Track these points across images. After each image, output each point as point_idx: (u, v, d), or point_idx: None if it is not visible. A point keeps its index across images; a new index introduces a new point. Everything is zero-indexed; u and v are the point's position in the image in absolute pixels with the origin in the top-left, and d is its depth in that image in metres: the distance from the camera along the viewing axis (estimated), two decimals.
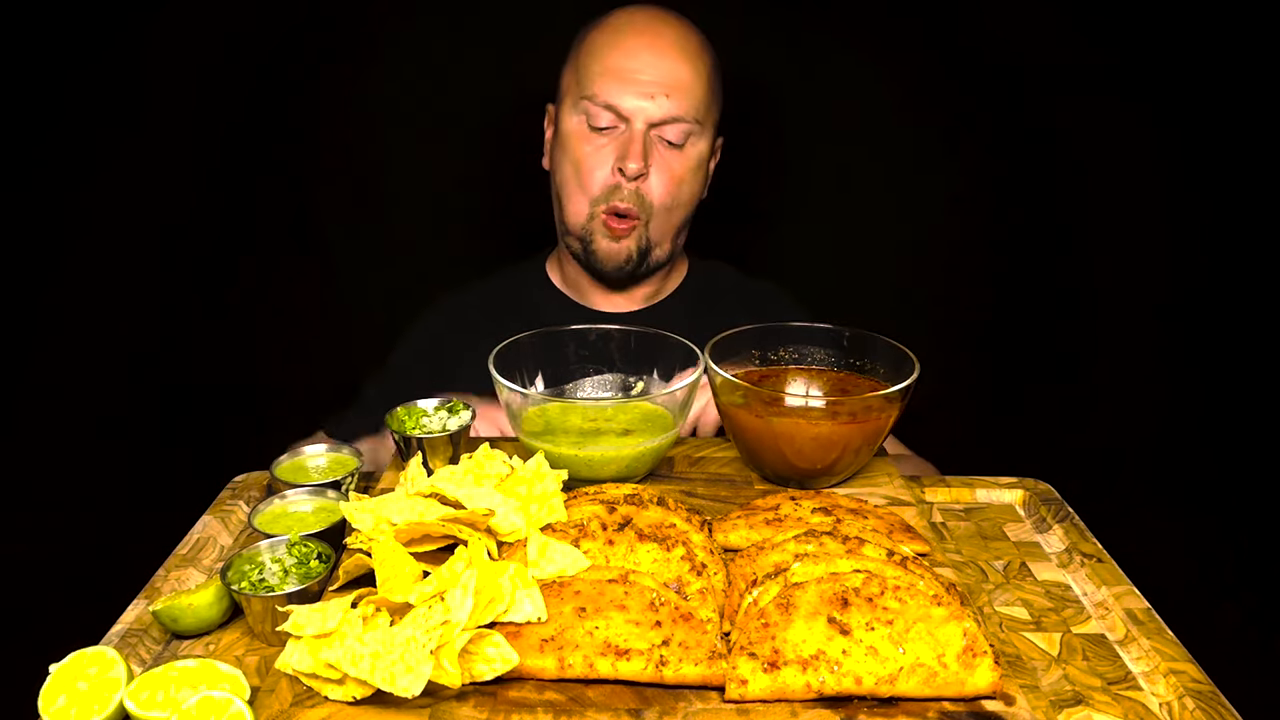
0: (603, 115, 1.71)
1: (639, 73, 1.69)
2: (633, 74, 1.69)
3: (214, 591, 1.06)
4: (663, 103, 1.69)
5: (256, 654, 1.04)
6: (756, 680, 0.89)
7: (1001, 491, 1.41)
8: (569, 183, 1.77)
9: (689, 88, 1.71)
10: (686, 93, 1.71)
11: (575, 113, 1.74)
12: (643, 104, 1.69)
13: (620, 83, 1.69)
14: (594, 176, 1.73)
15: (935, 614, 0.93)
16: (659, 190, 1.73)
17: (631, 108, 1.69)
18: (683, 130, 1.72)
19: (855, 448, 1.24)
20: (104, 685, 0.94)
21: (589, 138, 1.73)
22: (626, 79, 1.69)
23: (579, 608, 0.95)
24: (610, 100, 1.69)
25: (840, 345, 1.40)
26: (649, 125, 1.70)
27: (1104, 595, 1.17)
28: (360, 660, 0.88)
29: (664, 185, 1.73)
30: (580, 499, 1.13)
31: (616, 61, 1.70)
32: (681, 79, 1.70)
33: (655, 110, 1.69)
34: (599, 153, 1.73)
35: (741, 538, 1.13)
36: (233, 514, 1.32)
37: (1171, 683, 1.02)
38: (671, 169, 1.73)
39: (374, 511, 1.05)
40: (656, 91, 1.68)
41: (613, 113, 1.70)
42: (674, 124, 1.71)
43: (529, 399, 1.28)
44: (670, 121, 1.70)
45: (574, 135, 1.75)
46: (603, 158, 1.73)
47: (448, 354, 1.82)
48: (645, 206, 1.73)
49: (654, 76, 1.69)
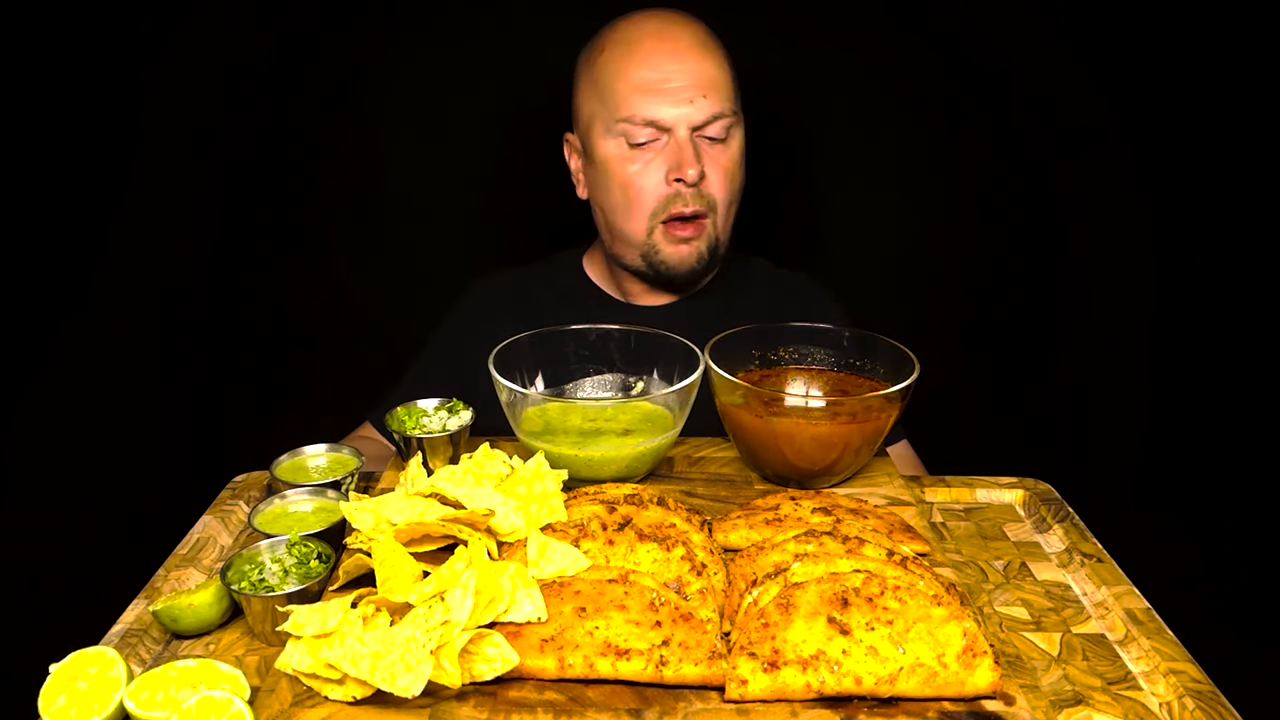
0: (642, 132, 1.66)
1: (668, 80, 1.65)
2: (662, 83, 1.65)
3: (214, 591, 1.06)
4: (702, 104, 1.65)
5: (256, 654, 1.04)
6: (756, 680, 0.89)
7: (1001, 491, 1.41)
8: (619, 207, 1.72)
9: (719, 82, 1.67)
10: (719, 87, 1.67)
11: (610, 137, 1.69)
12: (683, 110, 1.64)
13: (654, 95, 1.64)
14: (646, 193, 1.69)
15: (935, 614, 0.93)
16: (718, 188, 1.70)
17: (673, 117, 1.65)
18: (724, 125, 1.68)
19: (855, 448, 1.24)
20: (104, 685, 0.94)
21: (631, 157, 1.69)
22: (659, 90, 1.65)
23: (579, 608, 0.95)
24: (650, 116, 1.65)
25: (840, 345, 1.41)
26: (692, 129, 1.66)
27: (1104, 595, 1.17)
28: (360, 660, 0.87)
29: (721, 182, 1.70)
30: (580, 499, 1.13)
31: (642, 75, 1.66)
32: (711, 75, 1.67)
33: (697, 114, 1.65)
34: (647, 169, 1.68)
35: (741, 538, 1.13)
36: (233, 514, 1.32)
37: (1171, 683, 1.01)
38: (722, 165, 1.70)
39: (374, 511, 1.05)
40: (694, 94, 1.64)
41: (653, 127, 1.66)
42: (715, 121, 1.67)
43: (529, 399, 1.28)
44: (712, 120, 1.67)
45: (615, 160, 1.70)
46: (651, 171, 1.68)
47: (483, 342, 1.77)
48: (710, 204, 1.69)
49: (686, 81, 1.65)
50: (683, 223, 1.69)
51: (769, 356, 1.42)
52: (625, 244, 1.74)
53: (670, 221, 1.69)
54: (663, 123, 1.65)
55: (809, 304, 1.83)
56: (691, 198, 1.67)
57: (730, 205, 1.73)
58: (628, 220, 1.71)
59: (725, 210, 1.72)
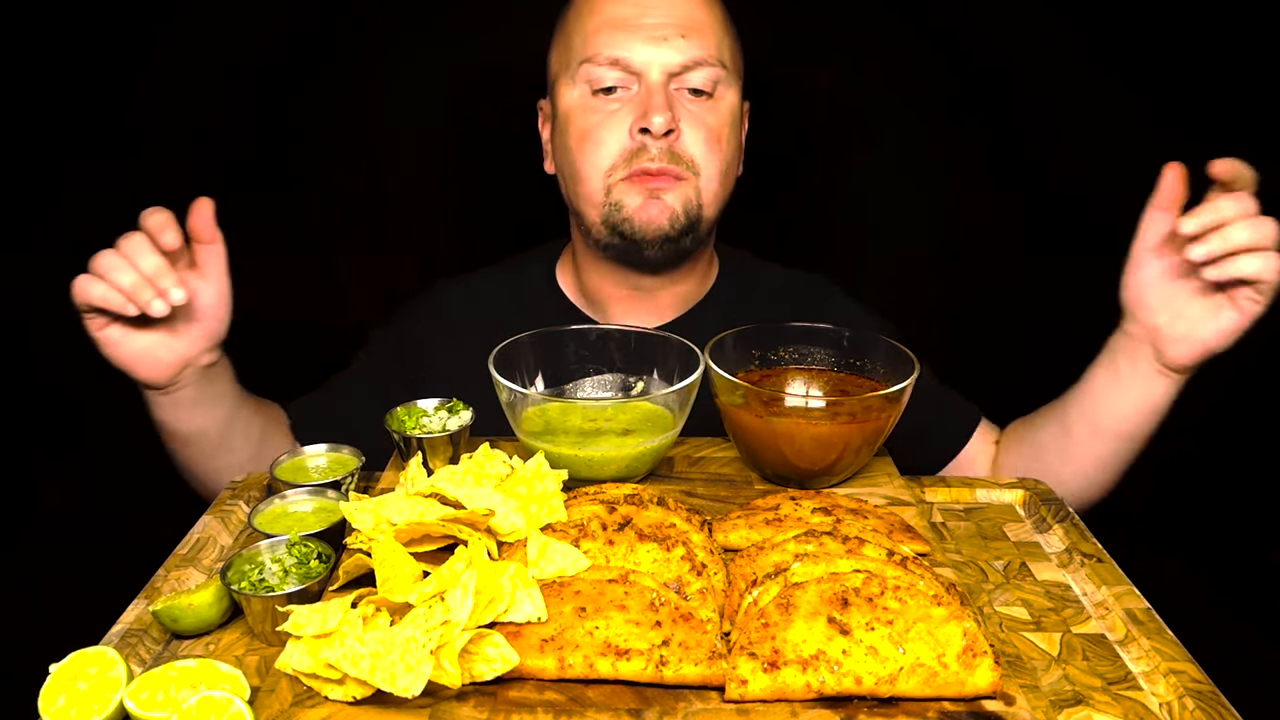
0: (608, 74, 1.43)
1: (644, 15, 1.42)
2: (635, 19, 1.42)
3: (214, 591, 1.06)
4: (679, 44, 1.41)
5: (256, 654, 1.04)
6: (756, 680, 0.89)
7: (1001, 491, 1.41)
8: (576, 163, 1.48)
9: (707, 26, 1.44)
10: (704, 31, 1.44)
11: (574, 85, 1.47)
12: (657, 50, 1.41)
13: (625, 31, 1.42)
14: (606, 146, 1.45)
15: (935, 614, 0.92)
16: (700, 148, 1.45)
17: (644, 58, 1.41)
18: (709, 76, 1.44)
19: (855, 448, 1.24)
20: (104, 685, 0.93)
21: (593, 106, 1.46)
22: (631, 26, 1.42)
23: (579, 608, 0.95)
24: (616, 53, 1.42)
25: (840, 345, 1.40)
26: (668, 75, 1.43)
27: (1104, 595, 1.16)
28: (360, 660, 0.87)
29: (704, 142, 1.45)
30: (580, 499, 1.13)
31: (612, 10, 1.44)
32: (697, 16, 1.44)
33: (673, 55, 1.41)
34: (611, 117, 1.45)
35: (741, 538, 1.13)
36: (232, 514, 1.32)
37: (1171, 683, 1.01)
38: (706, 122, 1.45)
39: (374, 511, 1.05)
40: (670, 33, 1.41)
41: (620, 69, 1.43)
42: (698, 69, 1.43)
43: (529, 399, 1.28)
44: (693, 66, 1.43)
45: (576, 109, 1.47)
46: (616, 121, 1.44)
47: (426, 348, 1.66)
48: (687, 165, 1.45)
49: (664, 17, 1.42)
50: (650, 175, 1.45)
51: (769, 356, 1.42)
52: (587, 209, 1.50)
53: (634, 175, 1.45)
54: (631, 64, 1.42)
55: (830, 307, 1.62)
56: (660, 153, 1.43)
57: (718, 176, 1.49)
58: (585, 180, 1.48)
59: (712, 177, 1.48)
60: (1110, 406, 1.44)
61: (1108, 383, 1.44)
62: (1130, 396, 1.42)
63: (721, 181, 1.50)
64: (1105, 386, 1.44)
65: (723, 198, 1.53)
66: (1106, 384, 1.44)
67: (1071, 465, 1.50)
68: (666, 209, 1.46)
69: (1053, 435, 1.52)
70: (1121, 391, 1.42)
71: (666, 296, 1.63)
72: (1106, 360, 1.45)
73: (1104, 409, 1.45)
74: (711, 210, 1.51)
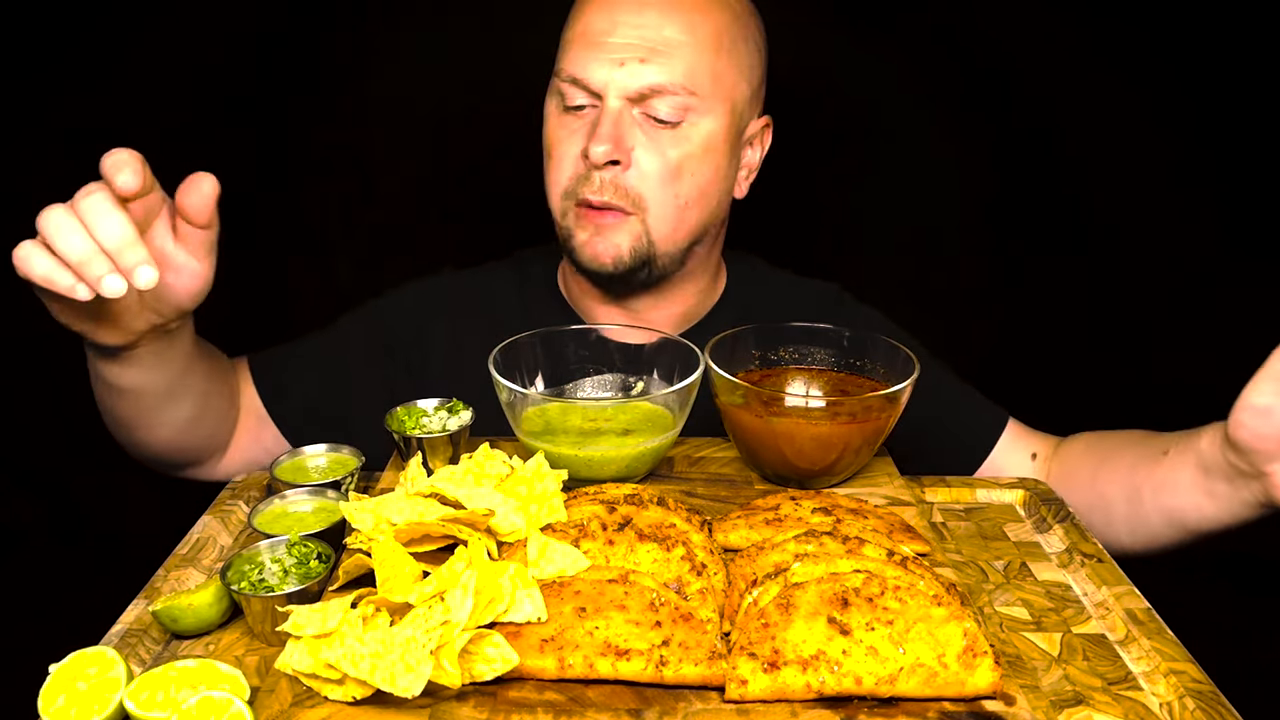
0: (572, 93, 1.39)
1: (609, 34, 1.35)
2: (602, 35, 1.36)
3: (214, 591, 1.06)
4: (636, 69, 1.34)
5: (256, 654, 1.04)
6: (756, 680, 0.89)
7: (1002, 491, 1.41)
8: (546, 176, 1.46)
9: (677, 50, 1.35)
10: (673, 56, 1.35)
11: (551, 94, 1.44)
12: (612, 73, 1.34)
13: (590, 49, 1.36)
14: (562, 165, 1.41)
15: (935, 614, 0.92)
16: (652, 182, 1.38)
17: (600, 79, 1.35)
18: (674, 105, 1.36)
19: (855, 448, 1.24)
20: (104, 685, 0.93)
21: (561, 120, 1.42)
22: (596, 44, 1.36)
23: (579, 608, 0.94)
24: (576, 73, 1.37)
25: (840, 345, 1.40)
26: (627, 100, 1.36)
27: (1104, 595, 1.16)
28: (360, 660, 0.87)
29: (658, 176, 1.38)
30: (580, 499, 1.12)
31: (589, 22, 1.38)
32: (666, 39, 1.35)
33: (628, 79, 1.34)
34: (570, 136, 1.40)
35: (741, 538, 1.12)
36: (232, 514, 1.32)
37: (1172, 683, 1.01)
38: (665, 155, 1.38)
39: (374, 511, 1.05)
40: (628, 56, 1.34)
41: (581, 89, 1.38)
42: (659, 96, 1.36)
43: (529, 399, 1.27)
44: (653, 94, 1.36)
45: (549, 120, 1.44)
46: (573, 142, 1.40)
47: (422, 336, 1.60)
48: (633, 201, 1.39)
49: (628, 38, 1.35)
50: (592, 209, 1.40)
51: (769, 356, 1.41)
52: (556, 224, 1.48)
53: (581, 205, 1.41)
54: (590, 84, 1.37)
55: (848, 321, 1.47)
56: (602, 185, 1.38)
57: (676, 210, 1.41)
58: (549, 194, 1.46)
59: (664, 215, 1.40)
60: (1197, 514, 1.32)
61: (1198, 494, 1.31)
62: (1222, 515, 1.30)
63: (680, 216, 1.42)
64: (1193, 494, 1.31)
65: (685, 232, 1.44)
66: (1196, 493, 1.31)
67: (1140, 542, 1.41)
68: (611, 247, 1.41)
69: (1126, 502, 1.40)
70: (1215, 507, 1.30)
71: (659, 318, 1.57)
72: (1200, 474, 1.30)
73: (1190, 515, 1.33)
74: (669, 245, 1.44)
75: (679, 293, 1.56)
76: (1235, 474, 1.25)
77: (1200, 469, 1.29)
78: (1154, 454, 1.37)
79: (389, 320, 1.63)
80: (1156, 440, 1.40)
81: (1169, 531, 1.37)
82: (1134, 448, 1.42)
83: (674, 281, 1.53)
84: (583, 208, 1.41)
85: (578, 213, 1.42)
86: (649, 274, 1.47)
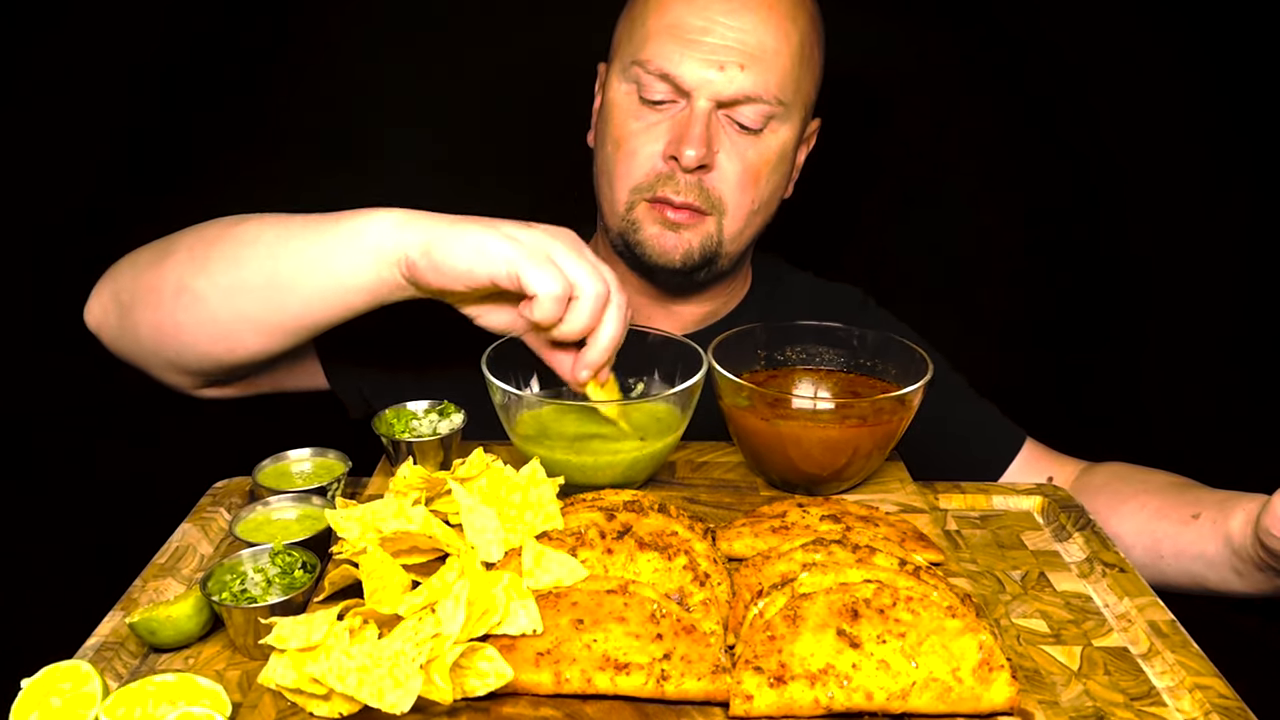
0: (656, 87, 1.38)
1: (706, 34, 1.35)
2: (699, 34, 1.36)
3: (193, 603, 1.04)
4: (735, 76, 1.35)
5: (238, 668, 1.02)
6: (762, 695, 0.87)
7: (1019, 498, 1.38)
8: (607, 167, 1.45)
9: (772, 59, 1.37)
10: (769, 65, 1.37)
11: (624, 80, 1.42)
12: (709, 75, 1.35)
13: (681, 46, 1.36)
14: (637, 160, 1.42)
15: (950, 626, 0.90)
16: (731, 186, 1.41)
17: (695, 80, 1.36)
18: (761, 113, 1.39)
19: (865, 452, 1.21)
20: (78, 701, 0.92)
21: (638, 112, 1.41)
22: (690, 41, 1.36)
23: (576, 620, 0.93)
24: (667, 68, 1.36)
25: (850, 346, 1.37)
26: (716, 104, 1.37)
27: (1126, 607, 1.14)
28: (347, 675, 0.86)
29: (738, 180, 1.41)
30: (578, 506, 1.10)
31: (679, 17, 1.37)
32: (763, 46, 1.36)
33: (725, 85, 1.36)
34: (649, 131, 1.41)
35: (746, 546, 1.10)
36: (213, 521, 1.29)
37: (1197, 698, 0.99)
38: (746, 159, 1.41)
39: (361, 520, 1.03)
40: (728, 61, 1.35)
41: (669, 84, 1.38)
42: (750, 104, 1.38)
43: (523, 401, 1.25)
44: (745, 101, 1.38)
45: (619, 108, 1.43)
46: (652, 137, 1.40)
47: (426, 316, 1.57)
48: (713, 203, 1.42)
49: (727, 40, 1.35)
50: (672, 208, 1.43)
51: (775, 356, 1.39)
52: (609, 214, 1.49)
53: (657, 201, 1.43)
54: (681, 83, 1.37)
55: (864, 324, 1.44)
56: (686, 186, 1.40)
57: (749, 214, 1.46)
58: (611, 185, 1.46)
59: (738, 217, 1.45)
60: (1221, 583, 1.31)
61: (1225, 569, 1.29)
62: (1249, 589, 1.29)
63: (749, 220, 1.47)
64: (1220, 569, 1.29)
65: (749, 234, 1.50)
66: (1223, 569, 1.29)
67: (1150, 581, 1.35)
68: (682, 243, 1.44)
69: (1144, 550, 1.38)
70: (1242, 583, 1.28)
71: (689, 313, 1.59)
72: (1228, 553, 1.27)
73: (1212, 581, 1.32)
74: (734, 246, 1.48)
75: (717, 290, 1.60)
76: (1266, 566, 1.22)
77: (1229, 549, 1.27)
78: (1181, 513, 1.34)
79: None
80: (1186, 494, 1.37)
81: (1185, 584, 1.35)
82: (1160, 495, 1.39)
83: (718, 279, 1.56)
84: (656, 204, 1.43)
85: (648, 207, 1.44)
86: (708, 272, 1.50)
